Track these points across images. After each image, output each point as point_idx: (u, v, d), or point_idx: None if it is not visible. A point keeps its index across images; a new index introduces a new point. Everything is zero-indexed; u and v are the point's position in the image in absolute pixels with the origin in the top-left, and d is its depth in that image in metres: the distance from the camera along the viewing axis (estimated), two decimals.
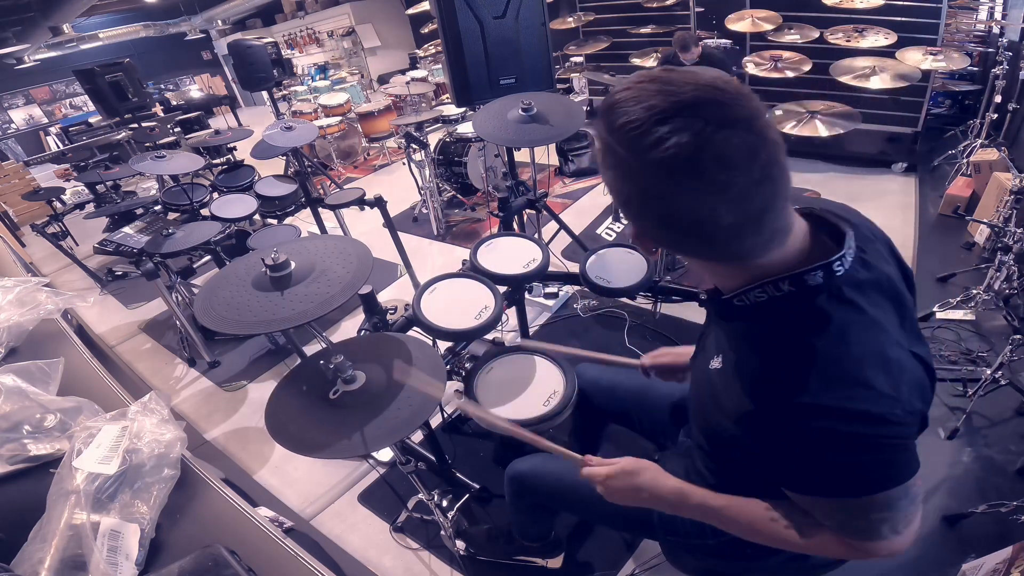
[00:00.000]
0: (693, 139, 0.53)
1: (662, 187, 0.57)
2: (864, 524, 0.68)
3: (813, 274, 0.63)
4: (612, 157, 0.60)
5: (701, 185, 0.55)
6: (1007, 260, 2.17)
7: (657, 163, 0.55)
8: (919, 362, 0.68)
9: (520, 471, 1.24)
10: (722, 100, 0.55)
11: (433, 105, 5.83)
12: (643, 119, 0.55)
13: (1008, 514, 1.49)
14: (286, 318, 1.15)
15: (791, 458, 0.66)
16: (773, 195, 0.58)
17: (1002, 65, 3.36)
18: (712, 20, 4.74)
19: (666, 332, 2.51)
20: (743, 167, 0.55)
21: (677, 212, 0.59)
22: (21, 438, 1.00)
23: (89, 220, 3.93)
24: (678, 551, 1.10)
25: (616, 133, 0.58)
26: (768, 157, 0.55)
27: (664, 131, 0.54)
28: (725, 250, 0.63)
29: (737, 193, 0.56)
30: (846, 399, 0.60)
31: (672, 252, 0.66)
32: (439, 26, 2.50)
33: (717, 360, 0.76)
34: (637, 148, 0.56)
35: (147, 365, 2.98)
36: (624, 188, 0.62)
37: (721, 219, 0.57)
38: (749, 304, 0.67)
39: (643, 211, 0.62)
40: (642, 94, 0.57)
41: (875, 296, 0.66)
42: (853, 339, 0.62)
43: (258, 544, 0.88)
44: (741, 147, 0.54)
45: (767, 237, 0.62)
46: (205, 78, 11.57)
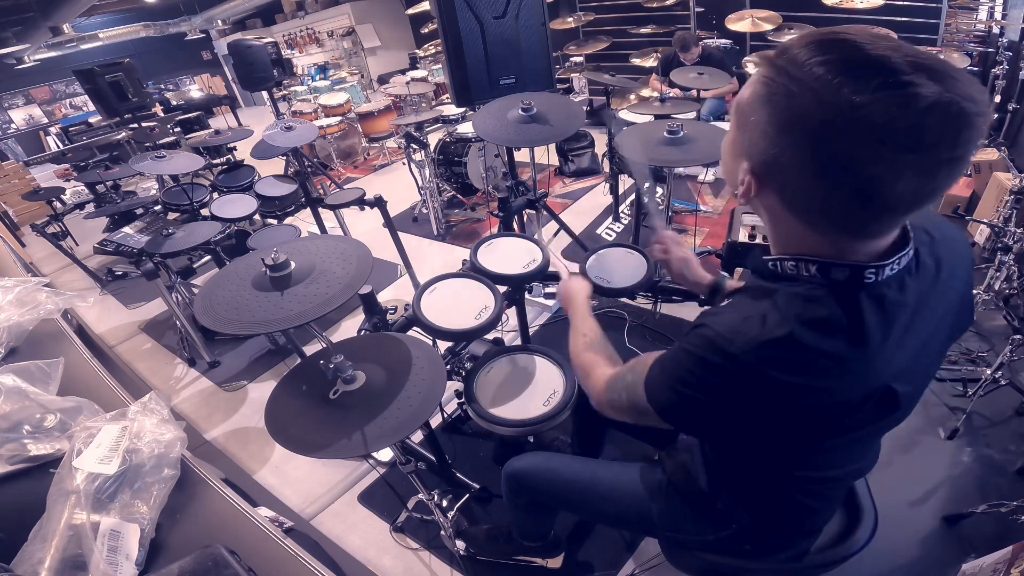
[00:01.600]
0: (932, 98, 0.48)
1: (863, 129, 0.50)
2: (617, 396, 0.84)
3: (841, 268, 0.61)
4: (793, 86, 0.53)
5: (913, 141, 0.49)
6: (1007, 260, 2.17)
7: (870, 103, 0.49)
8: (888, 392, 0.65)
9: (517, 469, 1.24)
10: (957, 75, 0.49)
11: (433, 105, 5.83)
12: (864, 61, 0.50)
13: (1008, 514, 1.49)
14: (286, 318, 1.15)
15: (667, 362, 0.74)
16: (947, 182, 0.53)
17: (1002, 65, 3.37)
18: (712, 20, 4.75)
19: (666, 332, 2.51)
20: (954, 142, 0.49)
21: (851, 164, 0.52)
22: (21, 438, 1.00)
23: (89, 220, 3.92)
24: (677, 548, 1.10)
25: (810, 67, 0.52)
26: (969, 146, 0.50)
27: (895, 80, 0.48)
28: (858, 220, 0.57)
29: (931, 164, 0.50)
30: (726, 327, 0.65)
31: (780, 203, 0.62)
32: (439, 26, 2.50)
33: None
34: (847, 90, 0.50)
35: (147, 365, 2.98)
36: (788, 122, 0.55)
37: (897, 186, 0.51)
38: (779, 271, 0.67)
39: (801, 152, 0.55)
40: (858, 39, 0.51)
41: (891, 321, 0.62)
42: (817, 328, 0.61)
43: (258, 544, 0.88)
44: (966, 121, 0.49)
45: (898, 223, 0.59)
46: (205, 78, 11.57)
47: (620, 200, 3.75)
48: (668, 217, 2.66)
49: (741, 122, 0.62)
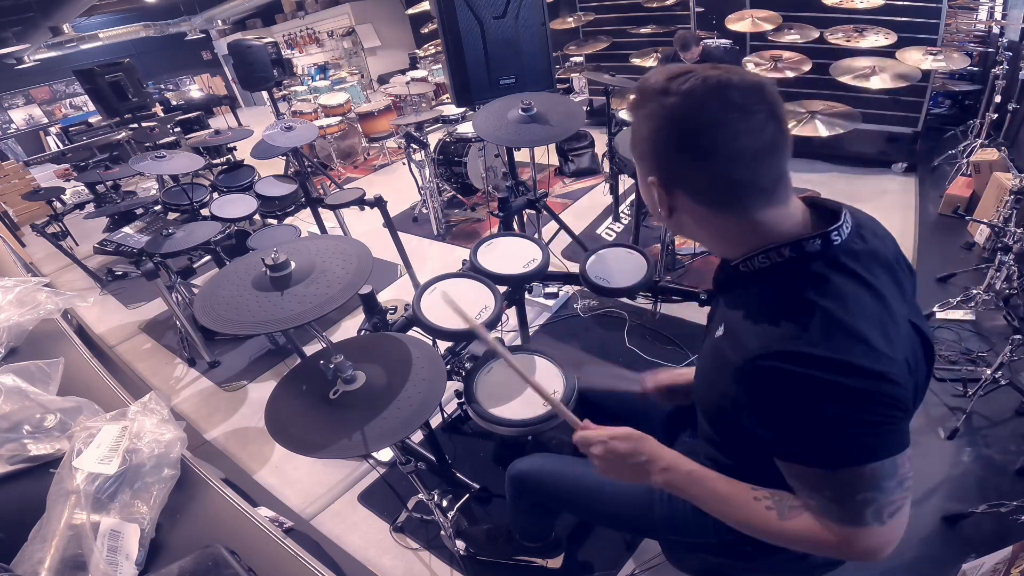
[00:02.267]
0: (717, 75, 0.66)
1: (692, 111, 0.67)
2: (849, 505, 0.67)
3: (812, 241, 0.69)
4: (647, 107, 0.71)
5: (725, 104, 0.65)
6: (1007, 260, 2.17)
7: (687, 92, 0.66)
8: (916, 332, 0.72)
9: (521, 471, 1.24)
10: (734, 68, 0.69)
11: (433, 105, 5.83)
12: (674, 73, 0.69)
13: (1008, 514, 1.49)
14: (286, 318, 1.15)
15: (787, 417, 0.66)
16: (780, 132, 0.67)
17: (1002, 65, 3.36)
18: (712, 20, 4.74)
19: (666, 332, 2.51)
20: (757, 99, 0.66)
21: (702, 132, 0.67)
22: (21, 438, 1.00)
23: (89, 220, 3.93)
24: (679, 550, 1.10)
25: (651, 90, 0.70)
26: (774, 99, 0.67)
27: (692, 75, 0.67)
28: (738, 184, 0.69)
29: (754, 122, 0.65)
30: (846, 352, 0.62)
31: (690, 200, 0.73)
32: (439, 26, 2.50)
33: (720, 329, 0.78)
34: (668, 88, 0.68)
35: (147, 365, 2.98)
36: (657, 126, 0.70)
37: (740, 142, 0.66)
38: (753, 270, 0.73)
39: (674, 142, 0.70)
40: (671, 67, 0.71)
41: (871, 265, 0.71)
42: (851, 299, 0.66)
43: (258, 544, 0.88)
44: (754, 85, 0.66)
45: (773, 179, 0.69)
46: (205, 78, 11.58)
47: (620, 200, 3.75)
48: None
49: (635, 154, 0.76)
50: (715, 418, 0.84)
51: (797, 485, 0.72)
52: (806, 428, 0.65)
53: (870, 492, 0.65)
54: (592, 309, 2.76)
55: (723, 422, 0.81)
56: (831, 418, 0.63)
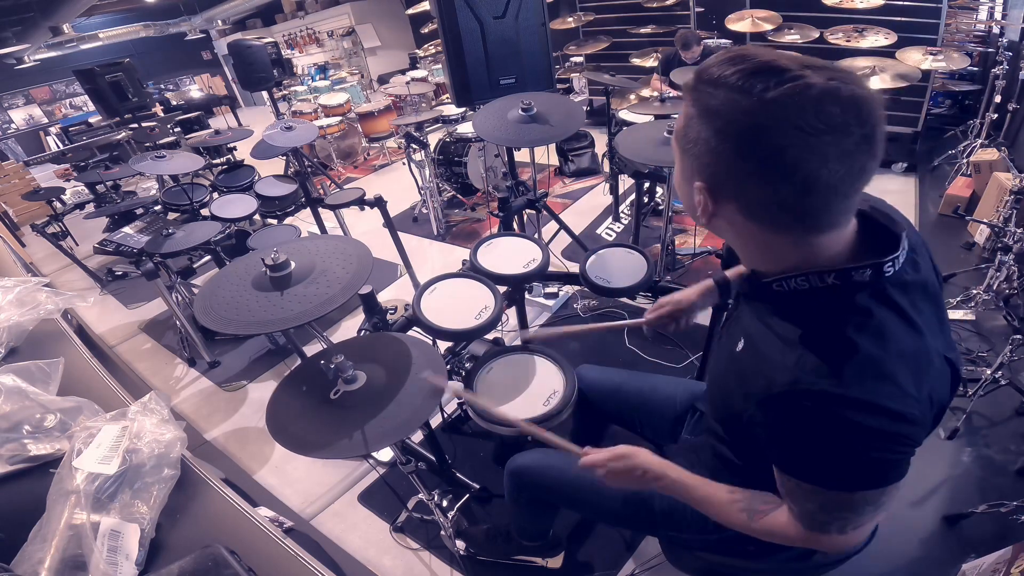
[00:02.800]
0: (823, 84, 0.55)
1: (778, 120, 0.56)
2: (825, 519, 0.71)
3: (861, 272, 0.64)
4: (714, 101, 0.60)
5: (821, 123, 0.55)
6: (1007, 260, 2.17)
7: (775, 100, 0.56)
8: (948, 365, 0.70)
9: (520, 465, 1.25)
10: (838, 67, 0.58)
11: (433, 105, 5.83)
12: (761, 67, 0.57)
13: (1008, 514, 1.49)
14: (286, 318, 1.15)
15: (800, 441, 0.67)
16: (872, 157, 0.58)
17: (1002, 65, 3.37)
18: (712, 20, 4.74)
19: (666, 332, 2.51)
20: (860, 120, 0.56)
21: (787, 148, 0.57)
22: (21, 438, 1.00)
23: (89, 220, 3.92)
24: (678, 548, 1.10)
25: (723, 80, 0.59)
26: (876, 120, 0.57)
27: (788, 76, 0.56)
28: (806, 209, 0.61)
29: (849, 144, 0.56)
30: (874, 394, 0.61)
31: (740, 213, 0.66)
32: (439, 26, 2.50)
33: (742, 343, 0.76)
34: (752, 88, 0.57)
35: (147, 365, 2.98)
36: (723, 129, 0.60)
37: (827, 168, 0.57)
38: (788, 291, 0.68)
39: (742, 153, 0.60)
40: (757, 53, 0.59)
41: (917, 298, 0.67)
42: (890, 338, 0.63)
43: (258, 544, 0.88)
44: (861, 102, 0.56)
45: (847, 207, 0.63)
46: (205, 78, 11.57)
47: (620, 200, 3.75)
48: (668, 217, 2.66)
49: (683, 147, 0.67)
50: (726, 423, 0.86)
51: (785, 492, 0.75)
52: (816, 455, 0.66)
53: (849, 513, 0.69)
54: (592, 309, 2.76)
55: (734, 428, 0.83)
56: (844, 451, 0.64)
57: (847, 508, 0.68)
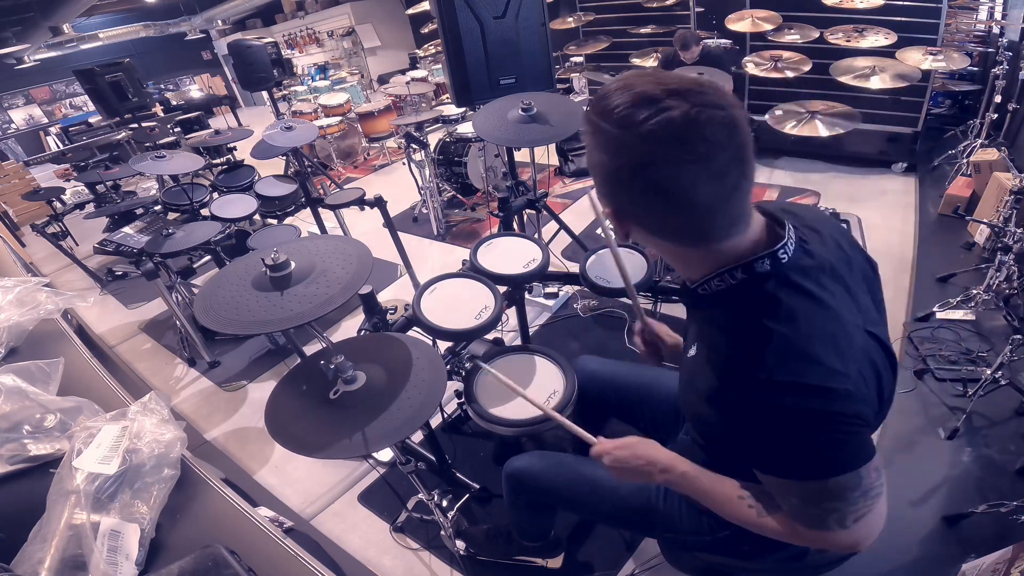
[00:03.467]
0: (682, 115, 0.59)
1: (651, 156, 0.61)
2: (814, 512, 0.72)
3: (761, 262, 0.69)
4: (602, 137, 0.65)
5: (686, 154, 0.60)
6: (1007, 260, 2.17)
7: (647, 134, 0.60)
8: (875, 341, 0.73)
9: (517, 468, 1.24)
10: (703, 90, 0.62)
11: (433, 105, 5.83)
12: (637, 99, 0.61)
13: (1008, 514, 1.49)
14: (286, 318, 1.15)
15: (756, 437, 0.70)
16: (743, 175, 0.63)
17: (1002, 65, 3.36)
18: (712, 20, 4.73)
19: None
20: (722, 144, 0.60)
21: (661, 181, 0.63)
22: (21, 438, 1.00)
23: (89, 220, 3.92)
24: (677, 549, 1.10)
25: (610, 114, 0.63)
26: (741, 139, 0.62)
27: (655, 108, 0.60)
28: (696, 227, 0.67)
29: (717, 167, 0.61)
30: (799, 374, 0.64)
31: (645, 232, 0.72)
32: (439, 26, 2.50)
33: (692, 348, 0.81)
34: (630, 123, 0.61)
35: (147, 365, 2.98)
36: (612, 163, 0.65)
37: (699, 192, 0.62)
38: (711, 293, 0.73)
39: (629, 183, 0.65)
40: (635, 83, 0.63)
41: (821, 279, 0.70)
42: (802, 319, 0.67)
43: (258, 544, 0.88)
44: (721, 126, 0.60)
45: (732, 219, 0.67)
46: (205, 78, 11.57)
47: None
48: None
49: (593, 175, 0.71)
50: (698, 427, 0.89)
51: (770, 490, 0.77)
52: (773, 446, 0.70)
53: (834, 503, 0.70)
54: (592, 309, 2.76)
55: (704, 431, 0.87)
56: (794, 438, 0.67)
57: (829, 497, 0.69)
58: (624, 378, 1.33)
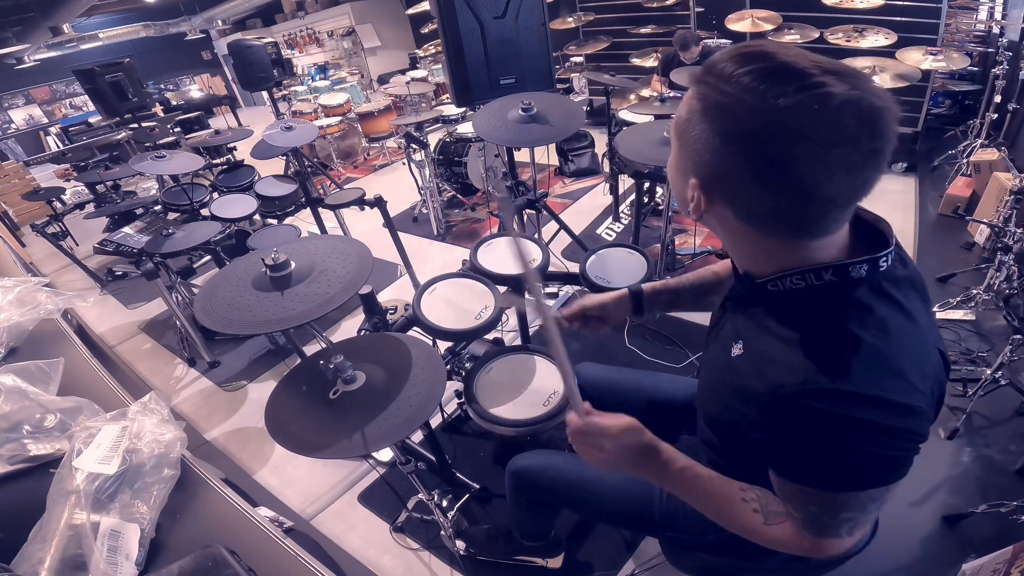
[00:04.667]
0: (844, 94, 0.54)
1: (790, 129, 0.55)
2: (831, 521, 0.69)
3: (858, 267, 0.64)
4: (725, 98, 0.58)
5: (834, 136, 0.54)
6: (1007, 260, 2.17)
7: (792, 108, 0.54)
8: (941, 357, 0.70)
9: (521, 466, 1.24)
10: (861, 75, 0.56)
11: (433, 105, 5.83)
12: (779, 70, 0.55)
13: (1008, 514, 1.49)
14: (286, 318, 1.16)
15: (803, 444, 0.65)
16: (877, 171, 0.58)
17: (1002, 65, 3.37)
18: (712, 20, 4.74)
19: (666, 332, 2.51)
20: (873, 134, 0.55)
21: (790, 161, 0.56)
22: (21, 438, 1.00)
23: (89, 220, 3.92)
24: (678, 549, 1.10)
25: (736, 79, 0.57)
26: (890, 135, 0.56)
27: (808, 82, 0.54)
28: (802, 217, 0.61)
29: (856, 159, 0.56)
30: (883, 389, 0.60)
31: (732, 213, 0.65)
32: (439, 26, 2.50)
33: (738, 347, 0.74)
34: (767, 93, 0.55)
35: (147, 365, 2.98)
36: (734, 127, 0.58)
37: (831, 180, 0.56)
38: (783, 290, 0.67)
39: (744, 157, 0.58)
40: (773, 52, 0.57)
41: (910, 292, 0.67)
42: (893, 331, 0.63)
43: (258, 544, 0.88)
44: (878, 115, 0.55)
45: (842, 217, 0.62)
46: (205, 78, 11.57)
47: (620, 200, 3.75)
48: (668, 217, 2.66)
49: (682, 140, 0.66)
50: (720, 429, 0.83)
51: (785, 497, 0.73)
52: (822, 456, 0.64)
53: (854, 513, 0.68)
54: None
55: (728, 433, 0.80)
56: (852, 451, 0.62)
57: (853, 508, 0.67)
58: (624, 384, 1.33)
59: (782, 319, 0.68)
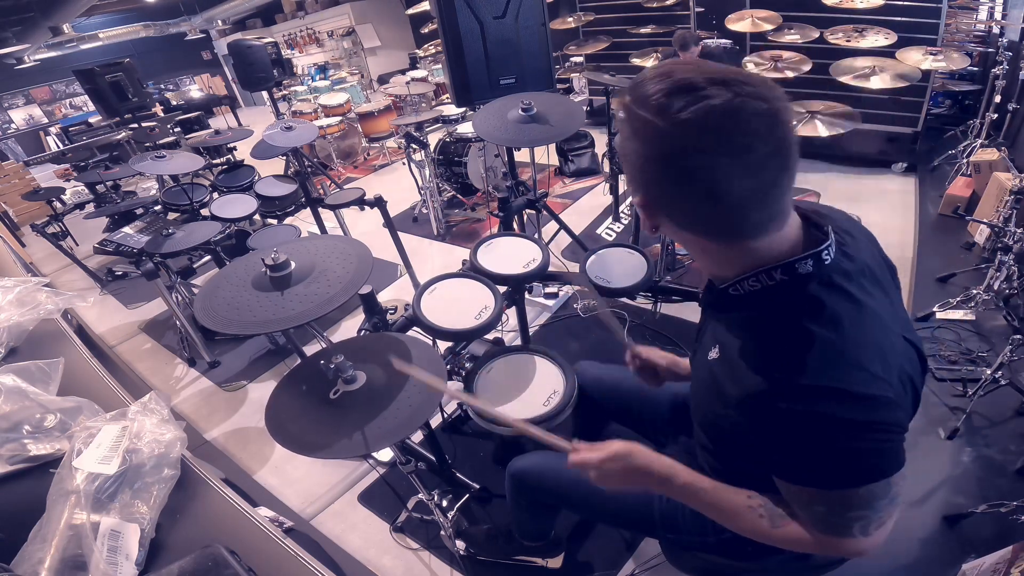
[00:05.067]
0: (723, 103, 0.57)
1: (686, 145, 0.59)
2: (839, 520, 0.70)
3: (803, 263, 0.66)
4: (638, 124, 0.62)
5: (723, 145, 0.58)
6: (1007, 260, 2.17)
7: (684, 122, 0.58)
8: (910, 345, 0.71)
9: (521, 468, 1.25)
10: (748, 80, 0.59)
11: (433, 105, 5.83)
12: (676, 86, 0.59)
13: (1008, 514, 1.49)
14: (286, 318, 1.16)
15: (786, 444, 0.67)
16: (783, 171, 0.61)
17: (1002, 65, 3.37)
18: (712, 20, 4.74)
19: (666, 332, 2.51)
20: (763, 136, 0.58)
21: (694, 172, 0.60)
22: (21, 438, 1.00)
23: (89, 220, 3.92)
24: (678, 549, 1.10)
25: (646, 100, 0.61)
26: (783, 133, 0.59)
27: (695, 96, 0.58)
28: (729, 222, 0.64)
29: (754, 161, 0.58)
30: (843, 381, 0.62)
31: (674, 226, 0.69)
32: (439, 26, 2.50)
33: (715, 351, 0.77)
34: (667, 111, 0.59)
35: (147, 365, 2.98)
36: (646, 151, 0.63)
37: (734, 185, 0.59)
38: (744, 293, 0.69)
39: (662, 173, 0.63)
40: (674, 71, 0.61)
41: (863, 283, 0.68)
42: (847, 323, 0.64)
43: (258, 544, 0.88)
44: (763, 118, 0.58)
45: (769, 216, 0.64)
46: (205, 78, 11.57)
47: (620, 200, 3.75)
48: None
49: (623, 163, 0.69)
50: (711, 432, 0.84)
51: (790, 499, 0.74)
52: (805, 454, 0.66)
53: (862, 511, 0.68)
54: (592, 309, 2.76)
55: (719, 436, 0.82)
56: (830, 446, 0.64)
57: (858, 505, 0.67)
58: (624, 383, 1.33)
59: (746, 322, 0.71)
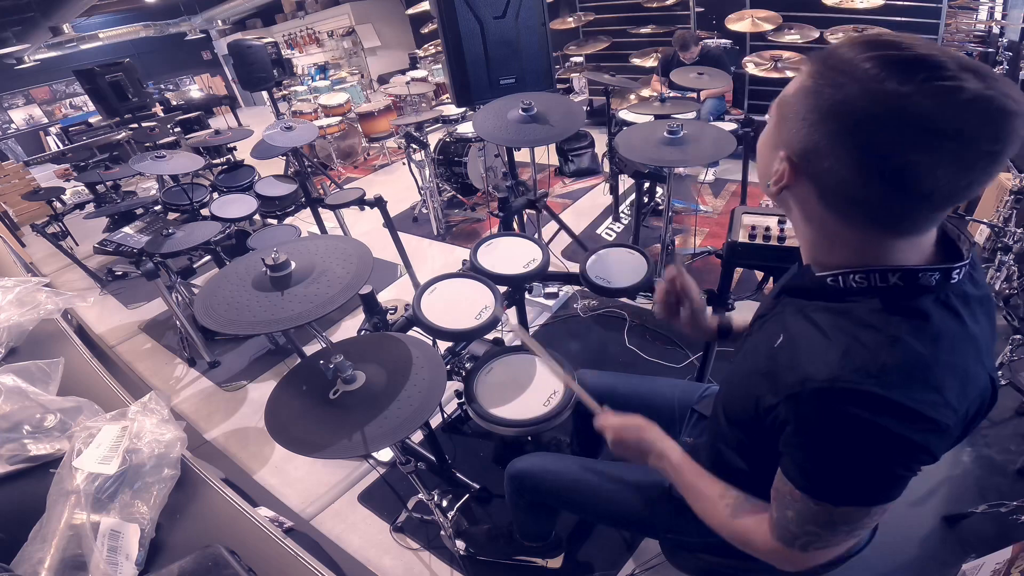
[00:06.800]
0: (976, 90, 0.50)
1: (909, 124, 0.52)
2: (796, 530, 0.68)
3: (929, 274, 0.61)
4: (853, 78, 0.54)
5: (954, 129, 0.51)
6: (1007, 260, 2.17)
7: (917, 92, 0.51)
8: (991, 385, 0.67)
9: (520, 469, 1.25)
10: (997, 76, 0.52)
11: (433, 105, 5.83)
12: (919, 60, 0.52)
13: (1008, 514, 1.49)
14: (286, 318, 1.15)
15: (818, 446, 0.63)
16: (982, 177, 0.54)
17: (1002, 65, 3.37)
18: (712, 20, 4.75)
19: (666, 332, 2.51)
20: (992, 137, 0.51)
21: (900, 145, 0.53)
22: (21, 438, 1.00)
23: (89, 220, 3.92)
24: (678, 549, 1.10)
25: (868, 63, 0.54)
26: (1008, 143, 0.52)
27: (949, 73, 0.51)
28: (900, 211, 0.58)
29: (971, 157, 0.52)
30: (916, 402, 0.57)
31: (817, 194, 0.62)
32: (439, 26, 2.50)
33: (782, 337, 0.71)
34: (911, 79, 0.51)
35: (147, 365, 2.98)
36: (844, 105, 0.55)
37: (938, 176, 0.53)
38: (843, 287, 0.64)
39: (853, 134, 0.55)
40: (917, 44, 0.54)
41: (978, 312, 0.64)
42: (945, 343, 0.60)
43: (258, 544, 0.88)
44: (1004, 119, 0.51)
45: (936, 217, 0.60)
46: (205, 78, 11.58)
47: (620, 200, 3.75)
48: (668, 217, 2.66)
49: (782, 114, 0.63)
50: (744, 425, 0.79)
51: (775, 495, 0.72)
52: (828, 460, 0.62)
53: (820, 529, 0.66)
54: (592, 309, 2.76)
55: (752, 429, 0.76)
56: (858, 460, 0.60)
57: (820, 522, 0.66)
58: (622, 389, 1.33)
59: (833, 314, 0.65)
